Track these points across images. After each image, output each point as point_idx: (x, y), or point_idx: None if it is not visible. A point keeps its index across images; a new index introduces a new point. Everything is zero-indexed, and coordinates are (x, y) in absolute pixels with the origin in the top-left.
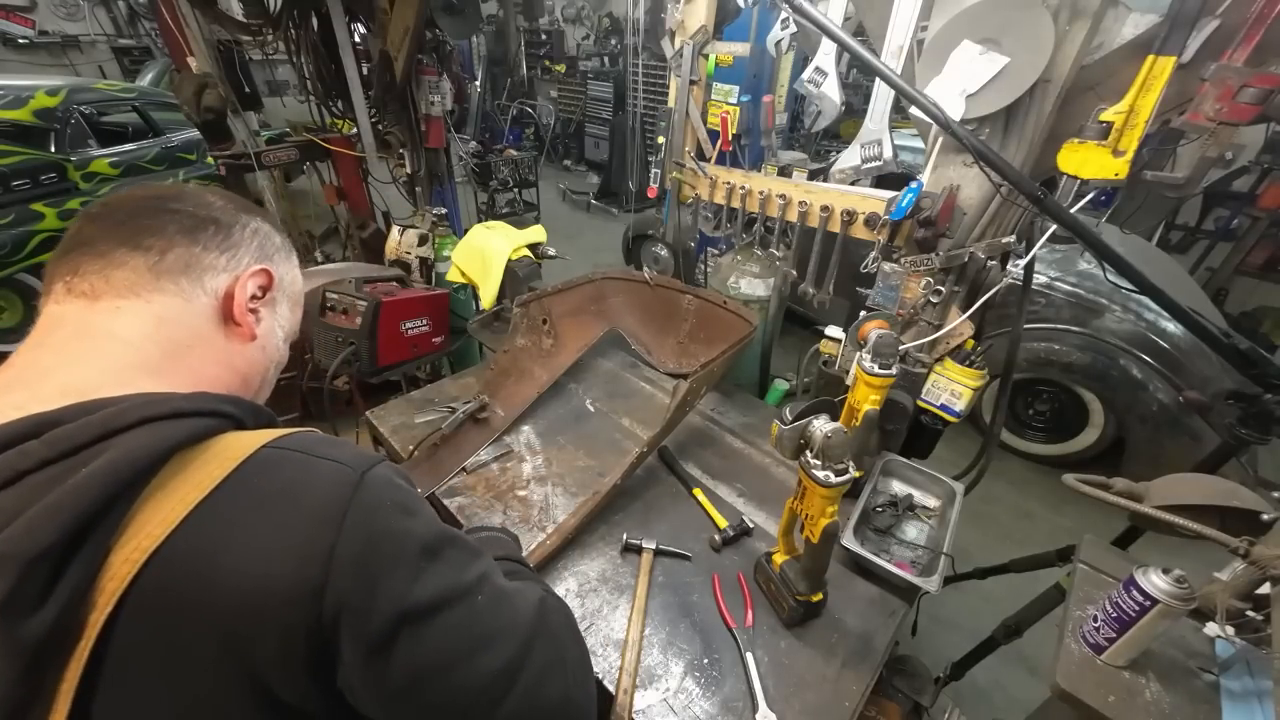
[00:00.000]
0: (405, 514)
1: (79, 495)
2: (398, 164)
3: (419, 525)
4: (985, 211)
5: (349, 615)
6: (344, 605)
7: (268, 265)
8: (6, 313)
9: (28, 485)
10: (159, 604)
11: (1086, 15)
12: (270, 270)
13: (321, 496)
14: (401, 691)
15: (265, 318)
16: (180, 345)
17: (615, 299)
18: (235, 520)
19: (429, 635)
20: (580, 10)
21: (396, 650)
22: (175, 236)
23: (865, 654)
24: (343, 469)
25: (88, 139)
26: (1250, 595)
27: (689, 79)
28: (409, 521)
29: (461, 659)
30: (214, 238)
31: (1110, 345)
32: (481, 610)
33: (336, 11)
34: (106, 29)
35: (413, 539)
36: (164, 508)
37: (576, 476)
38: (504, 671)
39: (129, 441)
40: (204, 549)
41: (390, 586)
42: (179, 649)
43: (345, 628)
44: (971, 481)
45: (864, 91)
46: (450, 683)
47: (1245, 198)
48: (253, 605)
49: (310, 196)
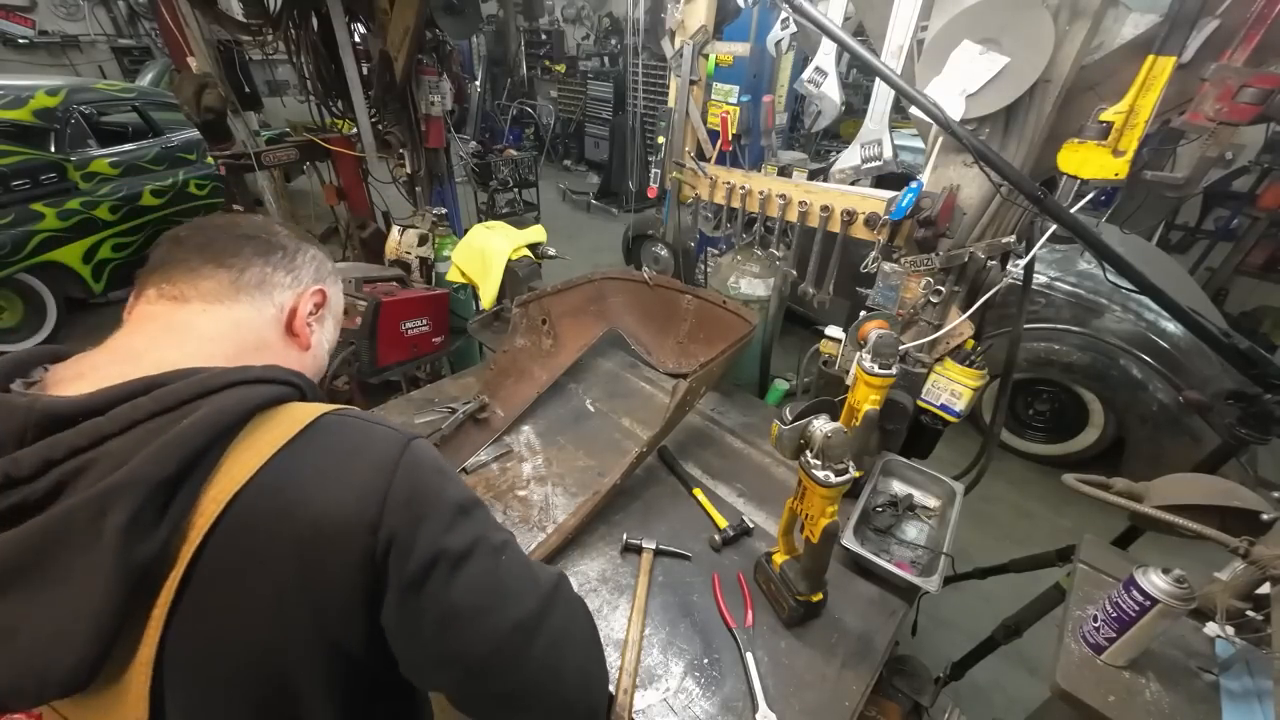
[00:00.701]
0: (443, 476)
1: (187, 437)
2: (398, 164)
3: (454, 486)
4: (985, 211)
5: (396, 549)
6: (393, 539)
7: (323, 286)
8: (6, 313)
9: (139, 432)
10: (239, 539)
11: (1086, 15)
12: (325, 290)
13: (378, 451)
14: (429, 633)
15: (317, 331)
16: (250, 346)
17: (615, 299)
18: (305, 467)
19: (459, 579)
20: (580, 10)
21: (428, 588)
22: (252, 258)
23: (865, 654)
24: (394, 433)
25: (88, 139)
26: (1250, 595)
27: (689, 79)
28: (446, 481)
29: (485, 609)
30: (282, 260)
31: (1110, 345)
32: (507, 566)
33: (336, 11)
34: (106, 29)
35: (449, 495)
36: (245, 457)
37: (576, 476)
38: (523, 626)
39: (222, 400)
40: (279, 490)
41: (429, 529)
42: (253, 581)
43: (392, 560)
44: (971, 481)
45: (864, 91)
46: (473, 629)
47: (1245, 198)
48: (321, 534)
49: (310, 196)
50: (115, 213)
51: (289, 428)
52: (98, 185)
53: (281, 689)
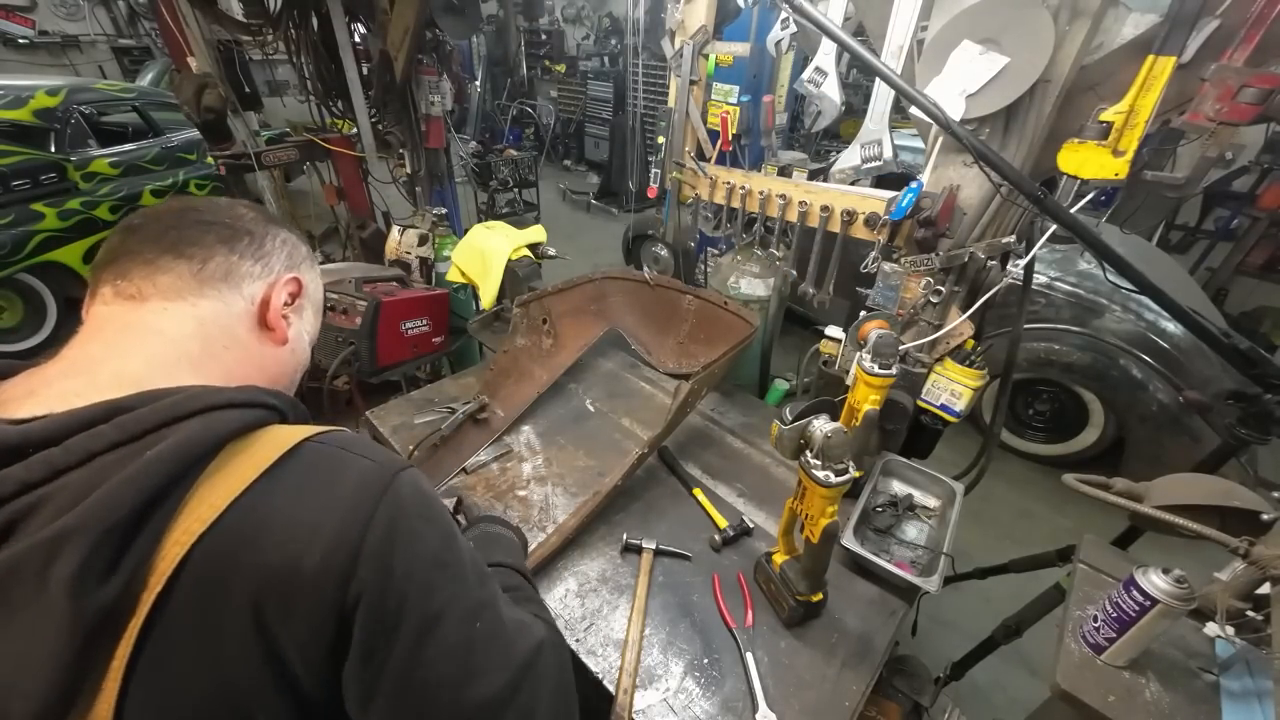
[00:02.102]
0: (426, 521)
1: (147, 474)
2: (398, 164)
3: (435, 532)
4: (985, 211)
5: (364, 606)
6: (362, 594)
7: (297, 273)
8: (6, 313)
9: (98, 465)
10: (202, 584)
11: (1086, 15)
12: (300, 278)
13: (355, 491)
14: (384, 702)
15: (294, 323)
16: (218, 345)
17: (615, 299)
18: (276, 507)
19: (425, 649)
20: (580, 10)
21: (393, 655)
22: (215, 246)
23: (865, 654)
24: (377, 468)
25: (88, 139)
26: (1250, 595)
27: (689, 79)
28: (428, 527)
29: (448, 684)
30: (249, 247)
31: (1110, 345)
32: (480, 635)
33: (336, 11)
34: (106, 29)
35: (428, 546)
36: (213, 494)
37: (576, 477)
38: (486, 707)
39: (190, 428)
40: (246, 532)
41: (399, 587)
42: (216, 626)
43: (359, 617)
44: (971, 481)
45: (864, 91)
46: (433, 705)
47: (1245, 198)
48: (290, 583)
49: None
50: (115, 213)
51: (263, 458)
52: (98, 185)
53: None
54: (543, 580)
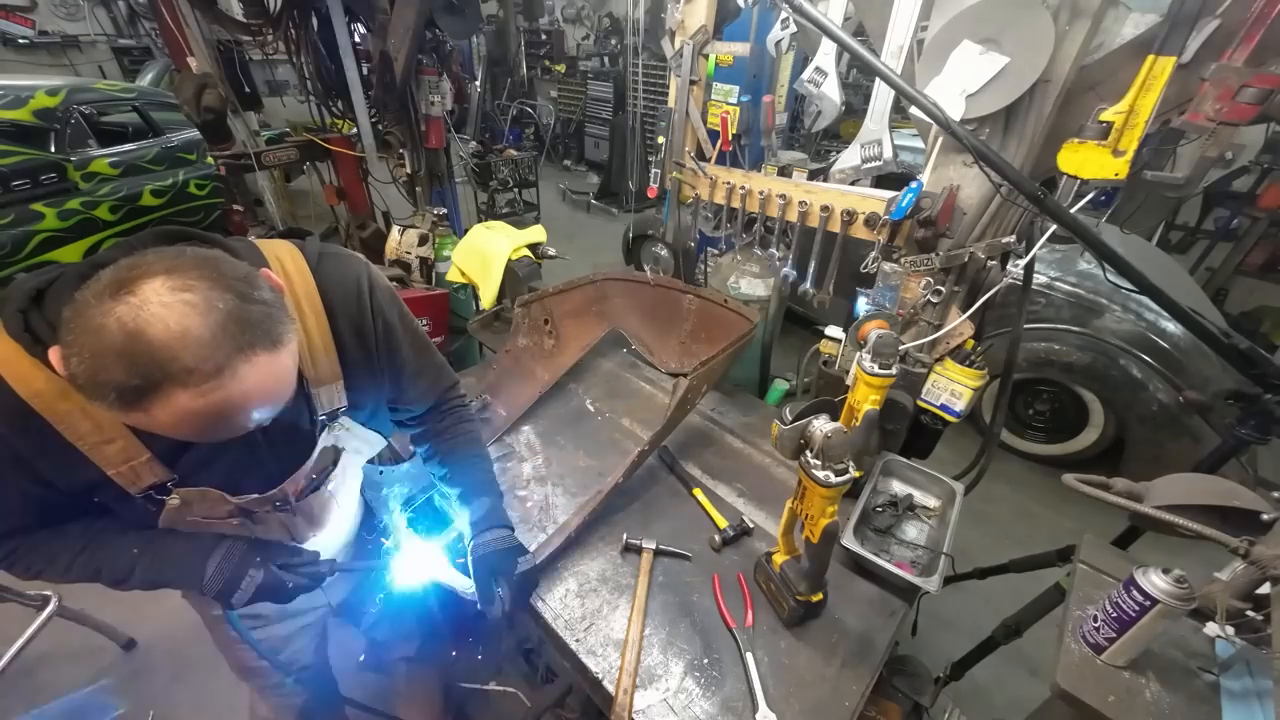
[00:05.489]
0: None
1: None
2: (398, 164)
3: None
4: (985, 211)
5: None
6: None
7: None
8: None
9: None
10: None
11: (1086, 15)
12: None
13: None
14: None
15: None
16: None
17: (617, 299)
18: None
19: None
20: (580, 10)
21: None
22: None
23: (865, 654)
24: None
25: (88, 139)
26: (1250, 595)
27: (689, 79)
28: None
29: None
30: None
31: (1110, 345)
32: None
33: (336, 11)
34: (106, 29)
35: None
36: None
37: (576, 476)
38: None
39: None
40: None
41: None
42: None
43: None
44: (971, 481)
45: (864, 91)
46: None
47: (1245, 198)
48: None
49: (310, 196)
50: (115, 213)
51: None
52: (98, 185)
53: None
54: (543, 580)
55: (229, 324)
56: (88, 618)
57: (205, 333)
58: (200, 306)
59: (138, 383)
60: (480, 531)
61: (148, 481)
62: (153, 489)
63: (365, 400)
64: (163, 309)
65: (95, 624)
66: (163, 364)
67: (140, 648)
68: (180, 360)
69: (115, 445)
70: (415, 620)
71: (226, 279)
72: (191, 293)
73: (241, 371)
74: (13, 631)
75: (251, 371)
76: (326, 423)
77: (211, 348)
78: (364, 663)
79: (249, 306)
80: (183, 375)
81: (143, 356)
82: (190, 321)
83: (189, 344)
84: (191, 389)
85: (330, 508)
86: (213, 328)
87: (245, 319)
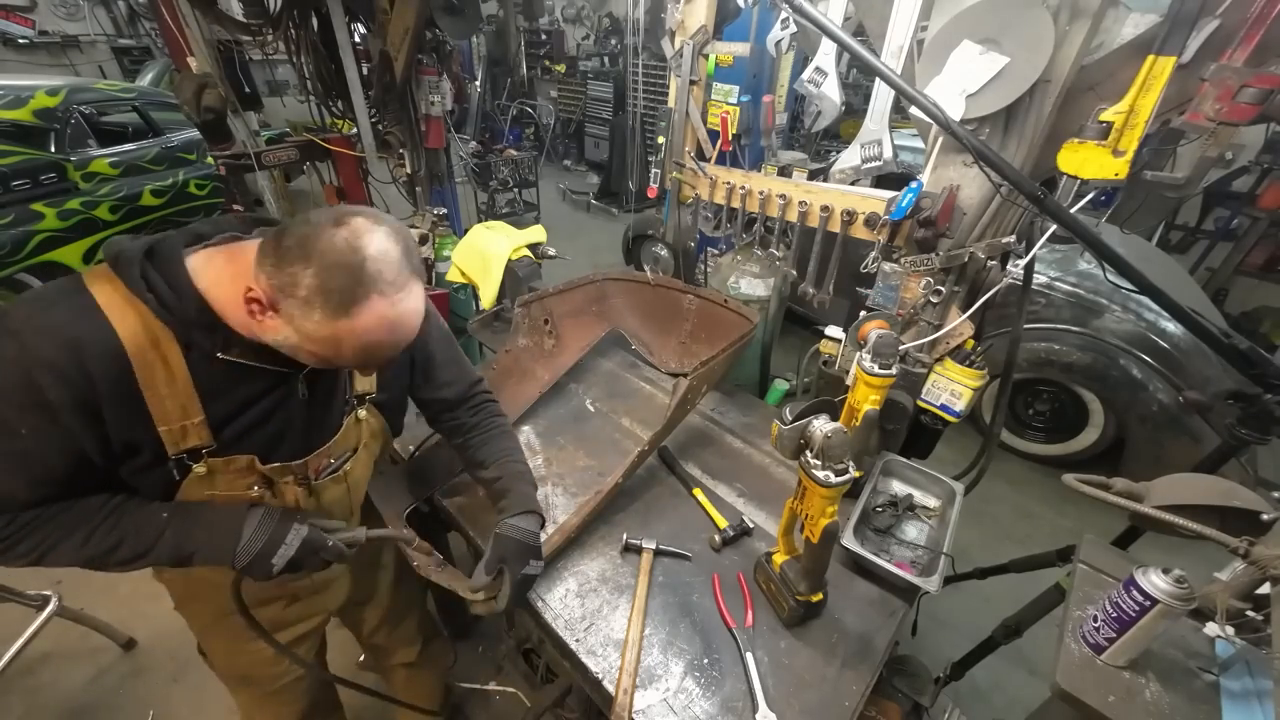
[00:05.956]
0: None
1: None
2: (398, 164)
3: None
4: (985, 211)
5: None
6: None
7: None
8: None
9: None
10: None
11: (1086, 15)
12: (259, 295)
13: None
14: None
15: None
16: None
17: (617, 299)
18: None
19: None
20: (580, 10)
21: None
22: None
23: (865, 654)
24: None
25: (88, 139)
26: (1250, 595)
27: (689, 79)
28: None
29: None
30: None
31: (1110, 345)
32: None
33: (336, 11)
34: (106, 29)
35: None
36: None
37: (576, 477)
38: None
39: None
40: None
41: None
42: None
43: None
44: (971, 481)
45: (864, 91)
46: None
47: (1245, 198)
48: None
49: (310, 196)
50: (115, 213)
51: None
52: (98, 185)
53: None
54: (543, 580)
55: (407, 253)
56: (88, 618)
57: (397, 255)
58: (393, 237)
59: (356, 287)
60: (515, 514)
61: (189, 444)
62: (187, 454)
63: (389, 389)
64: (370, 235)
65: (95, 624)
66: (373, 275)
67: (140, 648)
68: (384, 274)
69: (177, 401)
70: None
71: (398, 224)
72: (386, 226)
73: (415, 291)
74: (13, 631)
75: (418, 293)
76: (354, 405)
77: (399, 267)
78: (364, 662)
79: (412, 244)
80: (384, 285)
81: (358, 268)
82: (388, 245)
83: (391, 261)
84: (388, 298)
85: (337, 496)
86: (401, 253)
87: (413, 251)
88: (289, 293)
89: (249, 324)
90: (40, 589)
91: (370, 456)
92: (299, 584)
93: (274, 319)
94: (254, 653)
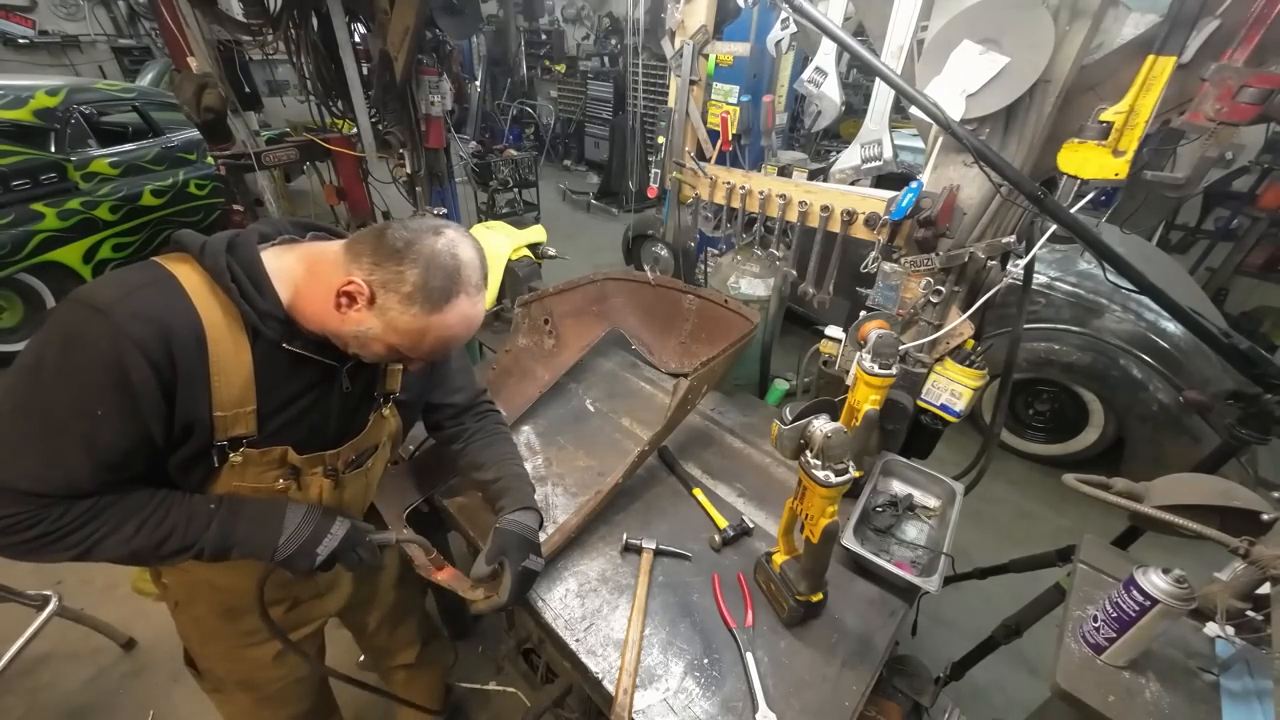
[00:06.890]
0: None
1: None
2: (398, 164)
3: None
4: (985, 211)
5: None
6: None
7: (358, 283)
8: (6, 313)
9: None
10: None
11: (1086, 15)
12: (356, 288)
13: None
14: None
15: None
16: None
17: (617, 299)
18: None
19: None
20: (580, 10)
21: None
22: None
23: (865, 654)
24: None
25: (88, 139)
26: (1250, 595)
27: (689, 79)
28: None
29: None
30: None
31: (1110, 345)
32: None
33: (336, 11)
34: (106, 29)
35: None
36: None
37: (576, 477)
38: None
39: None
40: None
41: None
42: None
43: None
44: (971, 481)
45: (864, 91)
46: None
47: (1245, 198)
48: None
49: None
50: (115, 213)
51: None
52: (98, 185)
53: None
54: (543, 580)
55: (482, 261)
56: (88, 618)
57: (478, 262)
58: (474, 247)
59: (451, 286)
60: (515, 510)
61: (236, 432)
62: (228, 442)
63: (410, 390)
64: (462, 245)
65: (95, 624)
66: (464, 277)
67: (140, 648)
68: (471, 277)
69: (237, 389)
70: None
71: (475, 238)
72: (471, 239)
73: (484, 293)
74: (13, 631)
75: (484, 297)
76: (381, 403)
77: (480, 272)
78: (364, 663)
79: (485, 256)
80: (469, 286)
81: (454, 271)
82: (473, 253)
83: (476, 266)
84: (470, 298)
85: (358, 492)
86: (480, 260)
87: (486, 263)
88: (392, 288)
89: (322, 316)
90: (40, 589)
91: (386, 456)
92: (303, 588)
93: (362, 311)
94: (255, 656)
